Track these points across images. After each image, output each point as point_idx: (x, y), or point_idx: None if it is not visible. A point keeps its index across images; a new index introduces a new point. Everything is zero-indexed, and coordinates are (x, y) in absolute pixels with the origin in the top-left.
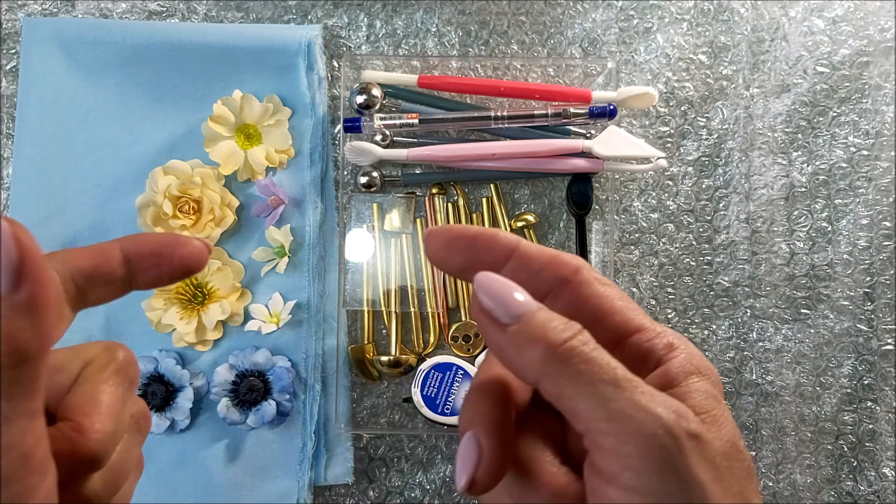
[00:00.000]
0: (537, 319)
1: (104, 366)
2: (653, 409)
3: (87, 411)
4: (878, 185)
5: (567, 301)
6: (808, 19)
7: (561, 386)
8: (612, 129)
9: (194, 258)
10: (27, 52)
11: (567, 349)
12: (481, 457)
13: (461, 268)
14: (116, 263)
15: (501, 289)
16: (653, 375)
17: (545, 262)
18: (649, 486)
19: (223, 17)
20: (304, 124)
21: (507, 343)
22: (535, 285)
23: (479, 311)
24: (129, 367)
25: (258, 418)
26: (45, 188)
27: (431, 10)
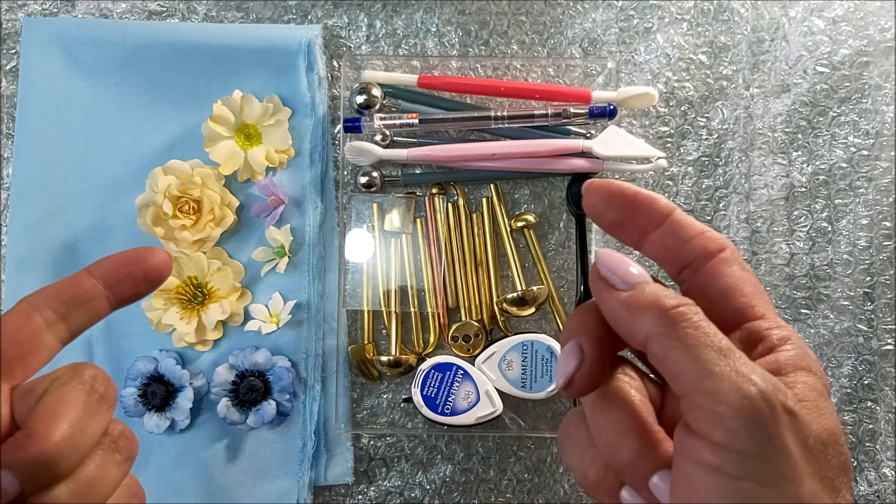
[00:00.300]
0: (651, 288)
1: (67, 380)
2: (751, 376)
3: (43, 418)
4: (878, 185)
5: (704, 273)
6: (808, 19)
7: (667, 347)
8: (612, 129)
9: (157, 269)
10: (27, 52)
11: (678, 313)
12: (583, 361)
13: (615, 223)
14: (88, 285)
15: (619, 262)
16: (761, 361)
17: (695, 234)
18: (739, 445)
19: (223, 17)
20: (304, 124)
21: (620, 306)
22: (680, 253)
23: (597, 278)
24: (97, 383)
25: (258, 418)
26: (45, 188)
27: (431, 10)
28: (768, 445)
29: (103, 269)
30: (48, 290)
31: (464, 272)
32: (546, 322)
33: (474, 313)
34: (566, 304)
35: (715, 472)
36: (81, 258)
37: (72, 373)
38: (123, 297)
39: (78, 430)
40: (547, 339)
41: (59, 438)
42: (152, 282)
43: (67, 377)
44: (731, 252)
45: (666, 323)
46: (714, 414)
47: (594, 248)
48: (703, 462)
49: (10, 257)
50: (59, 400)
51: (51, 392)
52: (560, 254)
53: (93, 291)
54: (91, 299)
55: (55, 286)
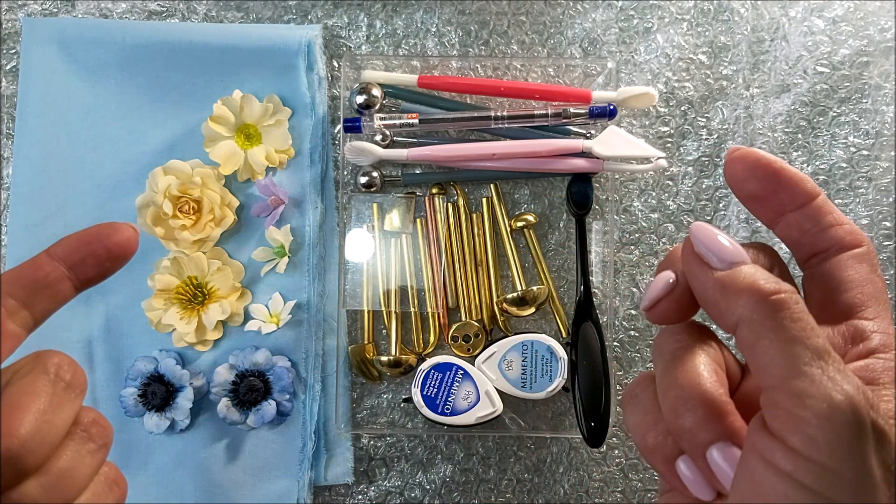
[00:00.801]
0: (749, 269)
1: (29, 370)
2: (843, 385)
3: (4, 413)
4: (878, 185)
5: (831, 265)
6: (808, 19)
7: (759, 335)
8: (612, 129)
9: (122, 245)
10: (27, 52)
11: (779, 300)
12: (674, 289)
13: (754, 195)
14: (49, 268)
15: (716, 238)
16: (855, 364)
17: (835, 223)
18: (817, 456)
19: (223, 17)
20: (304, 124)
21: (713, 285)
22: (815, 240)
23: (690, 254)
24: (62, 370)
25: (258, 418)
26: (45, 188)
27: (431, 10)
28: (849, 463)
29: (63, 249)
30: (6, 276)
31: (464, 272)
32: (546, 322)
33: (474, 313)
34: (566, 304)
35: (784, 478)
36: None
37: (34, 362)
38: (87, 277)
39: (44, 422)
40: (547, 339)
41: (23, 433)
42: (117, 258)
43: (30, 367)
44: (866, 250)
45: (762, 309)
46: (796, 417)
47: (594, 247)
48: (775, 464)
49: (10, 257)
50: (21, 392)
51: (12, 384)
52: (560, 254)
53: (54, 275)
54: (53, 283)
55: (13, 272)
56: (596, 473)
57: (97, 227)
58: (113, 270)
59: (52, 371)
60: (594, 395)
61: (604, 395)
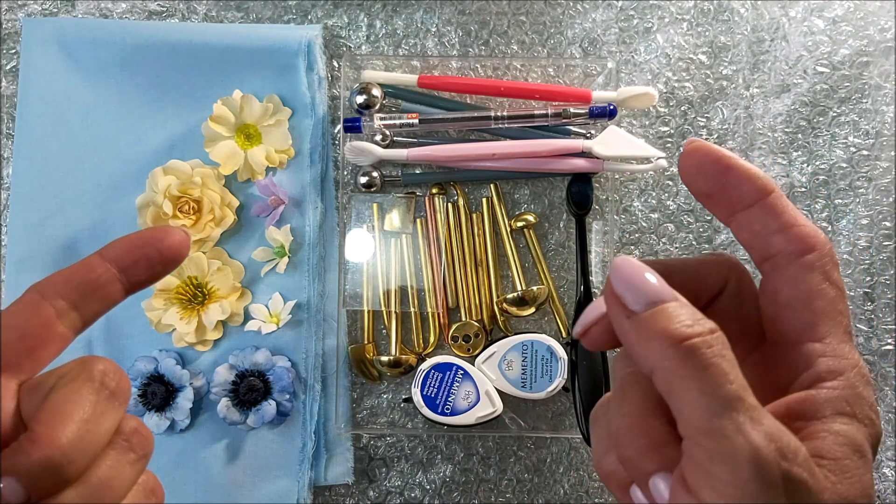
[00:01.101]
0: (668, 310)
1: (74, 377)
2: (753, 438)
3: (46, 420)
4: (878, 185)
5: (782, 274)
6: (808, 19)
7: (671, 384)
8: (612, 129)
9: (174, 249)
10: (27, 52)
11: (690, 346)
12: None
13: (703, 192)
14: (101, 270)
15: (637, 276)
16: (795, 396)
17: (786, 225)
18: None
19: (223, 17)
20: (304, 124)
21: (630, 329)
22: (764, 243)
23: (609, 293)
24: (107, 378)
25: (258, 418)
26: (45, 188)
27: (431, 10)
28: None
29: (116, 251)
30: (58, 277)
31: (464, 272)
32: (546, 322)
33: (474, 313)
34: (566, 304)
35: None
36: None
37: (80, 368)
38: (138, 280)
39: (86, 430)
40: (547, 339)
41: (65, 441)
42: (169, 262)
43: (75, 373)
44: (817, 256)
45: (673, 356)
46: (706, 472)
47: (594, 247)
48: None
49: (10, 257)
50: (65, 399)
51: (57, 390)
52: (560, 254)
53: (105, 276)
54: (104, 285)
55: (65, 272)
56: (596, 473)
57: (150, 230)
58: (163, 274)
59: (97, 378)
60: (594, 395)
61: (603, 395)
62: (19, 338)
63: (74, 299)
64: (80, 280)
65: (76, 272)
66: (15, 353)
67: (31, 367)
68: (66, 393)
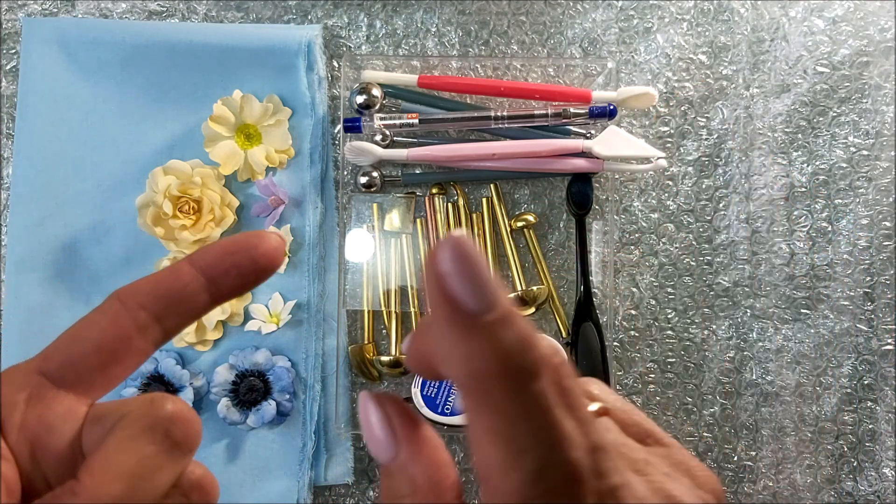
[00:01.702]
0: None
1: (134, 420)
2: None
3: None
4: (878, 185)
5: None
6: (808, 19)
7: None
8: (612, 129)
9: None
10: (27, 52)
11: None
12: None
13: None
14: (189, 278)
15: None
16: None
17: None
18: None
19: (223, 17)
20: (304, 124)
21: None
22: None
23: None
24: (173, 427)
25: (258, 418)
26: (45, 188)
27: (431, 10)
28: None
29: (207, 258)
30: (143, 284)
31: None
32: (546, 322)
33: None
34: (566, 304)
35: None
36: (81, 258)
37: (146, 409)
38: (227, 291)
39: (138, 488)
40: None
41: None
42: (263, 271)
43: (139, 413)
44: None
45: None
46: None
47: (594, 247)
48: None
49: (10, 257)
50: (120, 448)
51: (116, 432)
52: (560, 254)
53: (193, 286)
54: (191, 295)
55: (151, 280)
56: None
57: (242, 235)
58: (255, 284)
59: (160, 427)
60: None
61: None
62: (94, 351)
63: (158, 311)
64: (165, 289)
65: (163, 280)
66: (88, 369)
67: (103, 384)
68: (123, 440)
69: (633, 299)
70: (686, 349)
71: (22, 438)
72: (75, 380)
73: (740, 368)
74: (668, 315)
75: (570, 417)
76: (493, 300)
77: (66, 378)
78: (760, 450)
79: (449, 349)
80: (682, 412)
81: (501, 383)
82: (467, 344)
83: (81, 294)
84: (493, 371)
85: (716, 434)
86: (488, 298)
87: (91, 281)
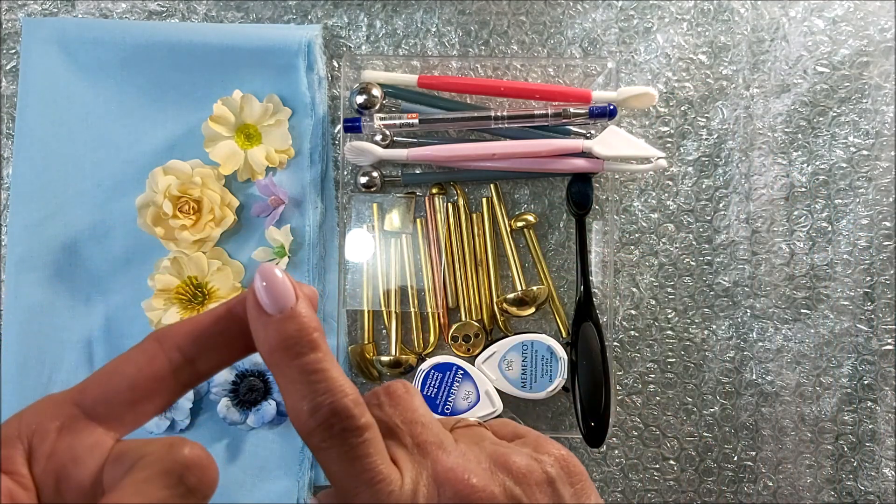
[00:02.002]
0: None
1: (151, 462)
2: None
3: None
4: (878, 185)
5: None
6: (808, 19)
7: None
8: (612, 129)
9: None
10: (27, 52)
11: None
12: None
13: None
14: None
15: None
16: None
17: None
18: None
19: (223, 17)
20: (304, 124)
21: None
22: None
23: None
24: (188, 473)
25: (258, 418)
26: (45, 188)
27: (431, 10)
28: None
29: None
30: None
31: (464, 272)
32: (546, 322)
33: (474, 313)
34: (566, 304)
35: None
36: (81, 258)
37: (164, 452)
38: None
39: None
40: (547, 339)
41: None
42: None
43: (157, 456)
44: None
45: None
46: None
47: (594, 247)
48: None
49: (10, 257)
50: (135, 490)
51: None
52: (560, 254)
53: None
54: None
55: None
56: (596, 473)
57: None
58: None
59: (176, 472)
60: (594, 395)
61: (603, 395)
62: (128, 388)
63: (193, 353)
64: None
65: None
66: (120, 404)
67: (132, 420)
68: (139, 482)
69: (633, 299)
70: (686, 349)
71: (49, 467)
72: (107, 413)
73: (740, 368)
74: (668, 315)
75: (342, 376)
76: (283, 306)
77: (99, 411)
78: (760, 450)
79: (256, 333)
80: (682, 412)
81: (284, 355)
82: (265, 330)
83: (81, 294)
84: (278, 347)
85: (716, 434)
86: (280, 305)
87: (91, 281)
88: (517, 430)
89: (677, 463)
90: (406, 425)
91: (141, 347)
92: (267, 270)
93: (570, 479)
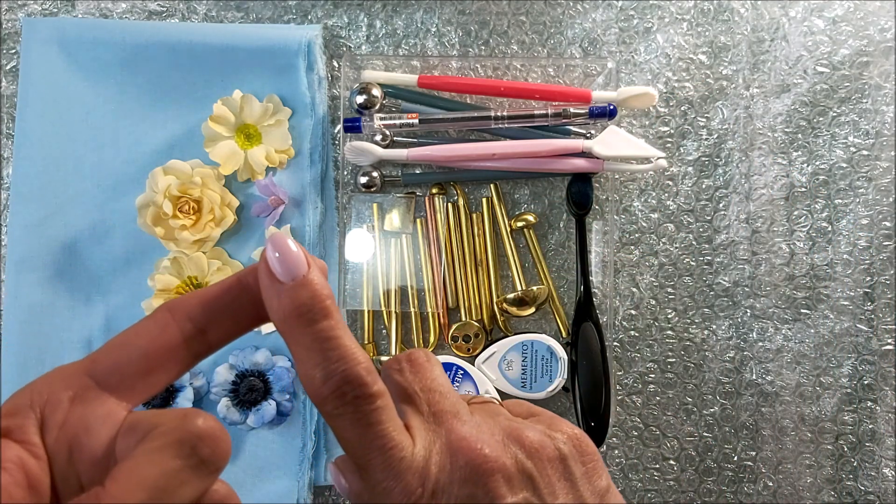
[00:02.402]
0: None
1: (164, 433)
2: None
3: (121, 478)
4: (878, 185)
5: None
6: (808, 19)
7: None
8: (612, 129)
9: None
10: (27, 52)
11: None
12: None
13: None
14: (237, 293)
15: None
16: None
17: None
18: None
19: (223, 17)
20: (304, 124)
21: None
22: None
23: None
24: (200, 444)
25: (258, 418)
26: (45, 188)
27: (431, 10)
28: None
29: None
30: (192, 296)
31: (464, 272)
32: (546, 322)
33: (474, 313)
34: (566, 304)
35: None
36: (81, 258)
37: (177, 422)
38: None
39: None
40: (547, 339)
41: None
42: None
43: (170, 427)
44: None
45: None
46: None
47: (594, 247)
48: None
49: (10, 257)
50: (147, 460)
51: (145, 443)
52: (560, 254)
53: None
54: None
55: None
56: None
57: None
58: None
59: (188, 442)
60: (594, 395)
61: (604, 395)
62: (141, 358)
63: (204, 322)
64: (212, 301)
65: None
66: (132, 374)
67: (144, 390)
68: (151, 452)
69: (633, 299)
70: (686, 349)
71: (62, 437)
72: (119, 384)
73: (740, 368)
74: (668, 315)
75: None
76: (296, 274)
77: (111, 381)
78: (760, 450)
79: (269, 302)
80: (682, 412)
81: (296, 322)
82: (278, 298)
83: (81, 294)
84: (291, 315)
85: (716, 434)
86: (293, 273)
87: (91, 281)
88: (532, 410)
89: (677, 463)
90: (424, 393)
91: (153, 318)
92: (279, 239)
93: (582, 458)
